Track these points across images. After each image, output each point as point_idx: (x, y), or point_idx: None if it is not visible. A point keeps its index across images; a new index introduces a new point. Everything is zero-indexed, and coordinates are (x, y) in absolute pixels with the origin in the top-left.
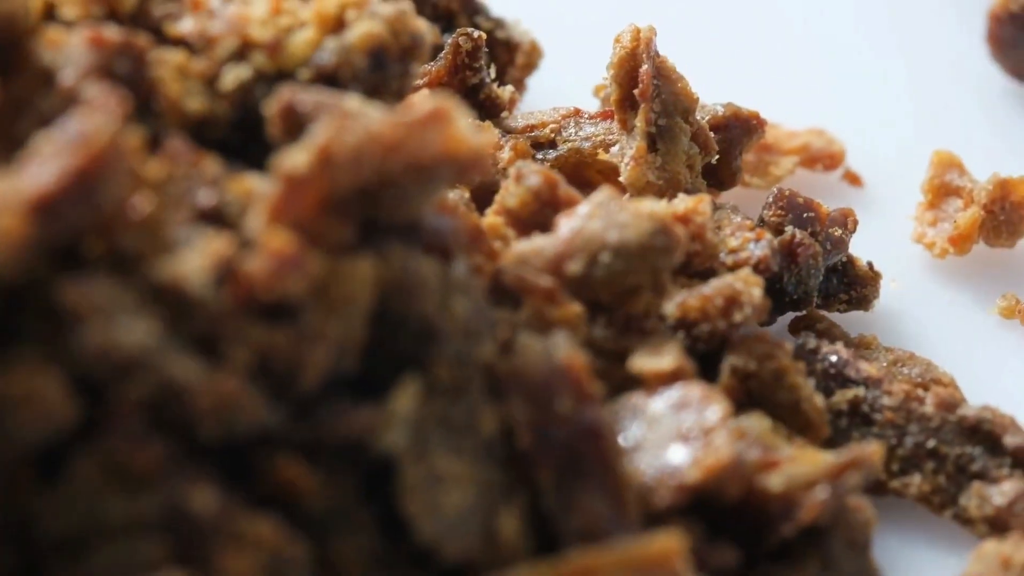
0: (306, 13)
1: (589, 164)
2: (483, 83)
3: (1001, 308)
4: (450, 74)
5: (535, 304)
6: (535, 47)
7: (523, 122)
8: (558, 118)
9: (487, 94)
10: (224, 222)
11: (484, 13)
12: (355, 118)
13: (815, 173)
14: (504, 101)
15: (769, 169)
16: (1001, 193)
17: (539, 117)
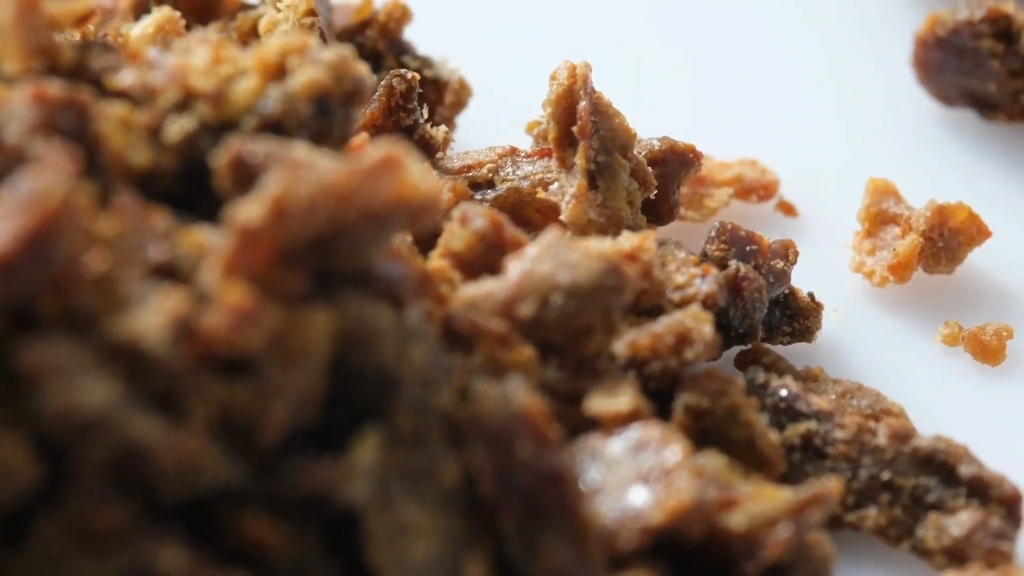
0: (247, 61)
1: (528, 203)
2: (417, 124)
3: (944, 335)
4: (384, 116)
5: (488, 349)
6: (464, 85)
7: (459, 162)
8: (495, 157)
9: (421, 135)
10: (177, 276)
11: (411, 52)
12: (306, 168)
13: (749, 204)
14: (439, 141)
15: (704, 202)
16: (939, 219)
17: (475, 157)
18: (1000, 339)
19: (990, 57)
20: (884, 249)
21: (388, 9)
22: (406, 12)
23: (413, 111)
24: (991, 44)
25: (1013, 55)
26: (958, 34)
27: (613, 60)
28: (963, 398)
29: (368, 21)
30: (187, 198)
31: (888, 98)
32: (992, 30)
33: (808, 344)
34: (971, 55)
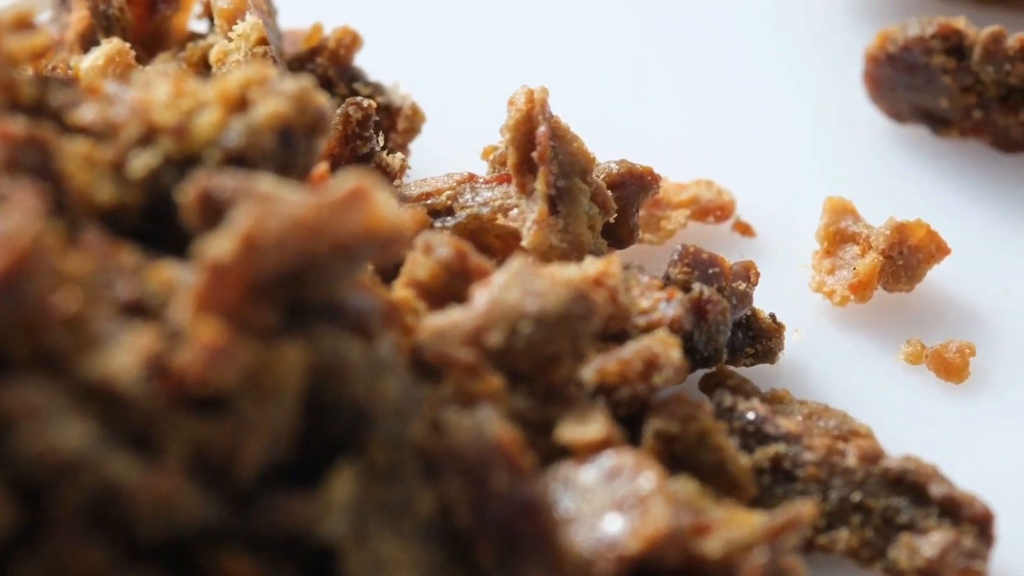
0: (208, 94)
1: (487, 230)
2: (373, 152)
3: (907, 354)
4: (341, 144)
5: (457, 379)
6: (416, 111)
7: (417, 190)
8: (453, 184)
9: (377, 162)
10: (146, 313)
11: (362, 79)
12: (275, 201)
13: (706, 225)
14: (395, 169)
15: (661, 224)
16: (899, 237)
17: (433, 184)
18: (963, 356)
19: (942, 73)
20: (844, 268)
21: (338, 36)
22: (356, 38)
23: (369, 139)
24: (943, 60)
25: (965, 71)
26: (909, 51)
27: (564, 83)
28: (928, 417)
29: (318, 48)
30: (153, 233)
31: (841, 116)
32: (943, 46)
33: (770, 365)
34: (922, 71)
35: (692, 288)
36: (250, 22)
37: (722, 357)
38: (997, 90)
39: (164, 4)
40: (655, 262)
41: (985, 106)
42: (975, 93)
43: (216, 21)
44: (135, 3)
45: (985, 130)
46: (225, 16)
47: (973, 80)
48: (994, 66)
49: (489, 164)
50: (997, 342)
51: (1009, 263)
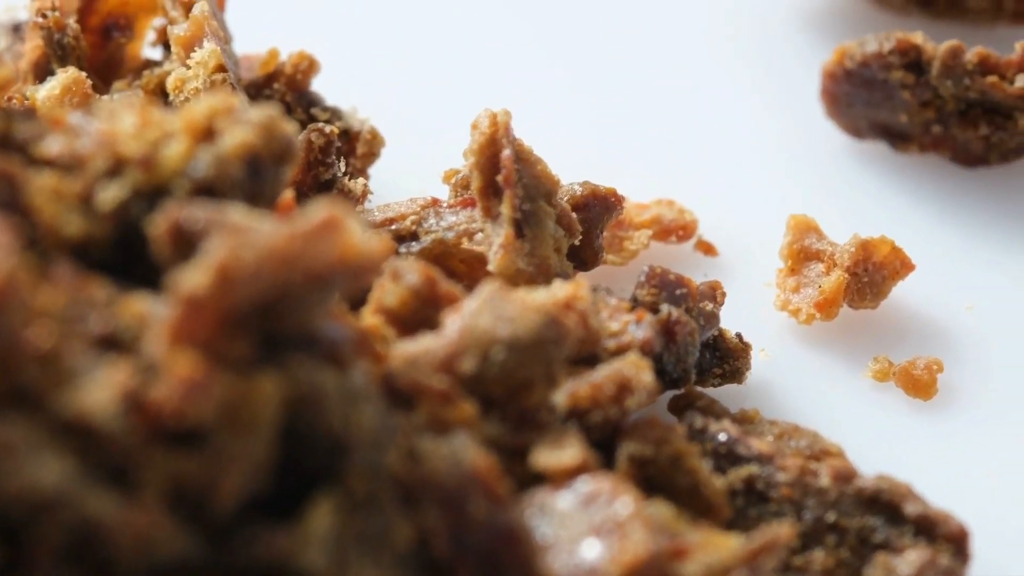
0: (174, 124)
1: (452, 254)
2: (335, 178)
3: (874, 371)
4: (303, 171)
5: (430, 406)
6: (376, 135)
7: (380, 215)
8: (417, 209)
9: (340, 188)
10: (120, 347)
11: (320, 104)
12: (248, 232)
13: (668, 245)
14: (357, 194)
15: (624, 244)
16: (864, 254)
17: (397, 209)
18: (931, 373)
19: (900, 88)
20: (809, 286)
21: (294, 61)
22: (313, 63)
23: (332, 165)
24: (901, 75)
25: (923, 85)
26: (868, 66)
27: (521, 104)
28: (897, 434)
29: (275, 73)
30: (122, 265)
31: (800, 133)
32: (902, 61)
33: (738, 385)
34: (881, 87)
35: (660, 309)
36: (208, 49)
37: (691, 378)
38: (956, 104)
39: (118, 32)
40: (618, 283)
41: (944, 121)
42: (934, 108)
43: (173, 48)
44: (89, 31)
45: (944, 145)
46: (182, 43)
47: (932, 95)
48: (953, 81)
49: (451, 188)
50: (963, 358)
51: (973, 278)
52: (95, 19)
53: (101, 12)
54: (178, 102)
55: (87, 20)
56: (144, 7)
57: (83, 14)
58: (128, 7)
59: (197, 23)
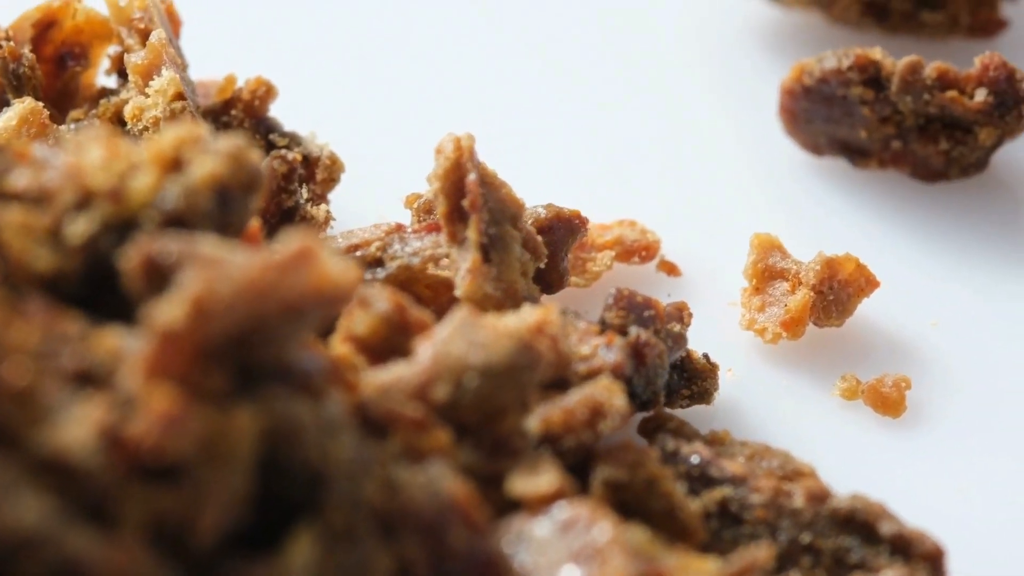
0: (141, 155)
1: (418, 280)
2: (298, 205)
3: (842, 389)
4: (266, 199)
5: (405, 435)
6: (335, 160)
7: (344, 242)
8: (381, 235)
9: (302, 215)
10: (95, 382)
11: (278, 130)
12: (222, 265)
13: (631, 266)
14: (320, 221)
15: (587, 266)
16: (829, 272)
17: (361, 235)
18: (899, 390)
19: (860, 104)
20: (774, 305)
21: (252, 87)
22: (271, 89)
23: (295, 193)
24: (861, 91)
25: (883, 101)
26: (826, 83)
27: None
28: (868, 452)
29: (232, 100)
30: (92, 299)
31: (760, 150)
32: (861, 77)
33: (706, 406)
34: (840, 103)
35: (629, 332)
36: (167, 77)
37: (660, 400)
38: (915, 120)
39: (73, 61)
40: (582, 305)
41: (904, 136)
42: (893, 123)
43: (130, 77)
44: (44, 60)
45: (904, 160)
46: (140, 72)
47: (891, 110)
48: (912, 96)
49: (413, 212)
50: (930, 374)
51: (937, 294)
52: (49, 48)
53: (55, 41)
54: (136, 130)
55: (42, 49)
56: (99, 35)
57: (37, 43)
58: (82, 35)
59: (155, 51)
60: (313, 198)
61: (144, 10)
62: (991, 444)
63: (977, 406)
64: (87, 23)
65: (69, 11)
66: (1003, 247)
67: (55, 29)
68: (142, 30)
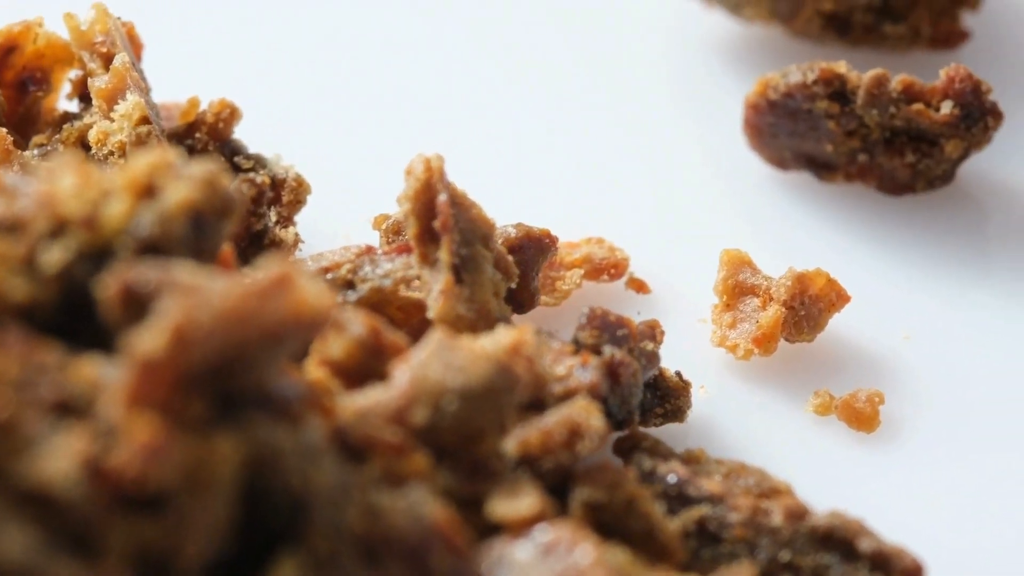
0: (114, 182)
1: (389, 302)
2: (267, 228)
3: (816, 405)
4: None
5: (385, 460)
6: (301, 182)
7: (314, 264)
8: (352, 257)
9: (271, 239)
10: (75, 412)
11: (243, 152)
12: (201, 292)
13: (600, 284)
14: (289, 244)
15: (556, 285)
16: (800, 288)
17: (331, 258)
18: (873, 405)
19: (825, 118)
20: (745, 321)
21: (215, 109)
22: (235, 111)
23: (263, 215)
24: (826, 105)
25: (848, 115)
26: (792, 97)
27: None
28: (843, 468)
29: (196, 123)
30: (67, 327)
31: (727, 165)
32: (826, 91)
33: (680, 424)
34: (805, 117)
35: (603, 351)
36: (131, 101)
37: (635, 419)
38: (881, 133)
39: (34, 85)
40: (552, 324)
41: (870, 149)
42: (859, 137)
43: (94, 101)
44: (5, 86)
45: (870, 174)
46: (104, 96)
47: (857, 124)
48: (878, 109)
49: (381, 233)
50: (903, 388)
51: (908, 308)
52: (10, 73)
53: (16, 66)
54: (101, 155)
55: (2, 75)
56: (60, 59)
57: None
58: (44, 60)
59: (119, 75)
60: (280, 220)
61: (106, 34)
62: (966, 457)
63: (950, 419)
64: (48, 47)
65: (30, 35)
66: (970, 258)
67: (16, 54)
68: (104, 54)
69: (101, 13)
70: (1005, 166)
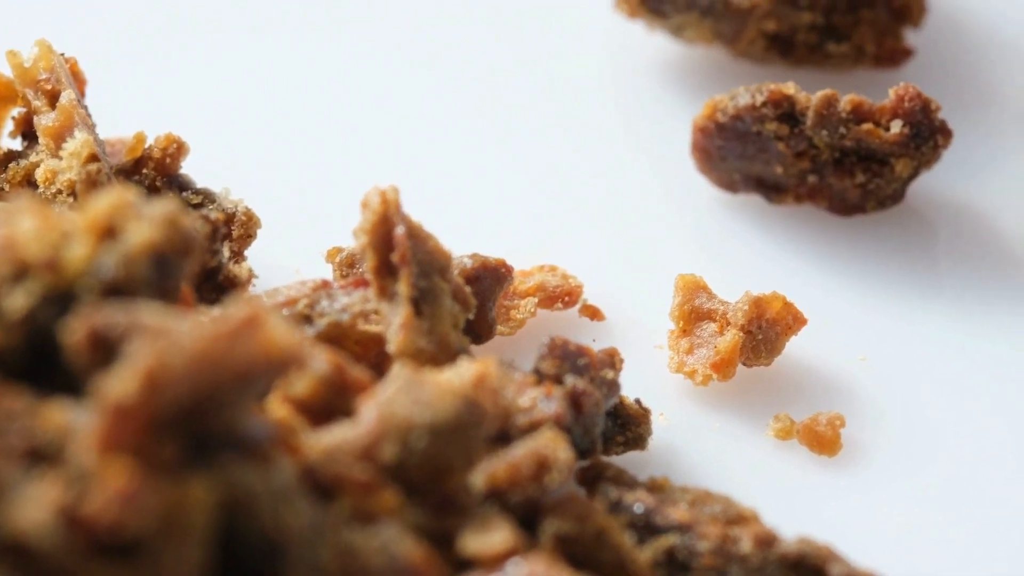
0: (75, 224)
1: (348, 336)
2: (221, 264)
3: (776, 430)
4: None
5: (354, 498)
6: (251, 216)
7: (271, 300)
8: (308, 291)
9: (225, 275)
10: (46, 458)
11: (191, 187)
12: (171, 335)
13: (554, 312)
14: (243, 279)
15: (511, 314)
16: (757, 311)
17: (286, 293)
18: (834, 429)
19: (775, 140)
20: (703, 347)
21: (162, 144)
22: (182, 146)
23: (217, 252)
24: (776, 127)
25: (798, 136)
26: (741, 119)
27: (389, 175)
28: (807, 493)
29: (142, 158)
30: (31, 371)
31: (677, 190)
32: (776, 112)
33: (641, 452)
34: (755, 139)
35: (564, 381)
36: (80, 139)
37: (598, 449)
38: (831, 154)
39: None
40: (507, 353)
41: (820, 170)
42: (809, 158)
43: (42, 140)
44: None
45: (821, 195)
46: (51, 134)
47: (807, 145)
48: (828, 130)
49: (335, 267)
50: (862, 410)
51: (863, 328)
52: None
53: None
54: (49, 194)
55: None
56: (3, 97)
57: None
58: None
59: (66, 112)
60: (232, 256)
61: (50, 71)
62: (928, 478)
63: (911, 440)
64: None
65: None
66: (922, 277)
67: None
68: (49, 91)
69: (45, 50)
70: (952, 183)
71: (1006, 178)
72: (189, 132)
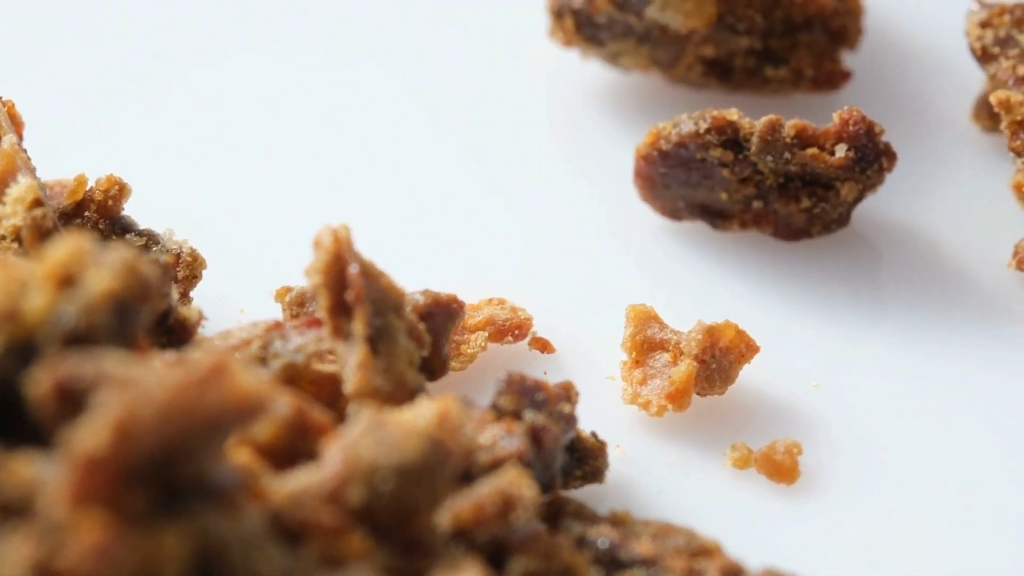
0: (32, 273)
1: (302, 376)
2: (171, 307)
3: (734, 459)
4: None
5: (322, 542)
6: (196, 256)
7: (222, 342)
8: (260, 332)
9: (175, 317)
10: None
11: (134, 229)
12: (139, 385)
13: (504, 346)
14: (193, 322)
15: (461, 349)
16: (710, 341)
17: (239, 335)
18: (792, 456)
19: (719, 166)
20: (656, 377)
21: (103, 186)
22: (124, 187)
23: (167, 296)
24: (720, 153)
25: (743, 162)
26: (684, 146)
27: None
28: (767, 521)
29: (84, 201)
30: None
31: (619, 218)
32: (719, 139)
33: (599, 485)
34: (699, 166)
35: (523, 416)
36: (24, 184)
37: (557, 484)
38: (776, 179)
39: None
40: (459, 388)
41: (764, 196)
42: (753, 184)
43: None
44: None
45: (766, 220)
46: None
47: (751, 171)
48: (773, 155)
49: (284, 306)
50: (817, 437)
51: (813, 354)
52: None
53: None
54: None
55: None
56: None
57: None
58: None
59: (8, 158)
60: (180, 297)
61: None
62: (887, 501)
63: (868, 466)
64: None
65: None
66: (868, 300)
67: None
68: None
69: None
70: (894, 205)
71: (947, 198)
72: (129, 173)
